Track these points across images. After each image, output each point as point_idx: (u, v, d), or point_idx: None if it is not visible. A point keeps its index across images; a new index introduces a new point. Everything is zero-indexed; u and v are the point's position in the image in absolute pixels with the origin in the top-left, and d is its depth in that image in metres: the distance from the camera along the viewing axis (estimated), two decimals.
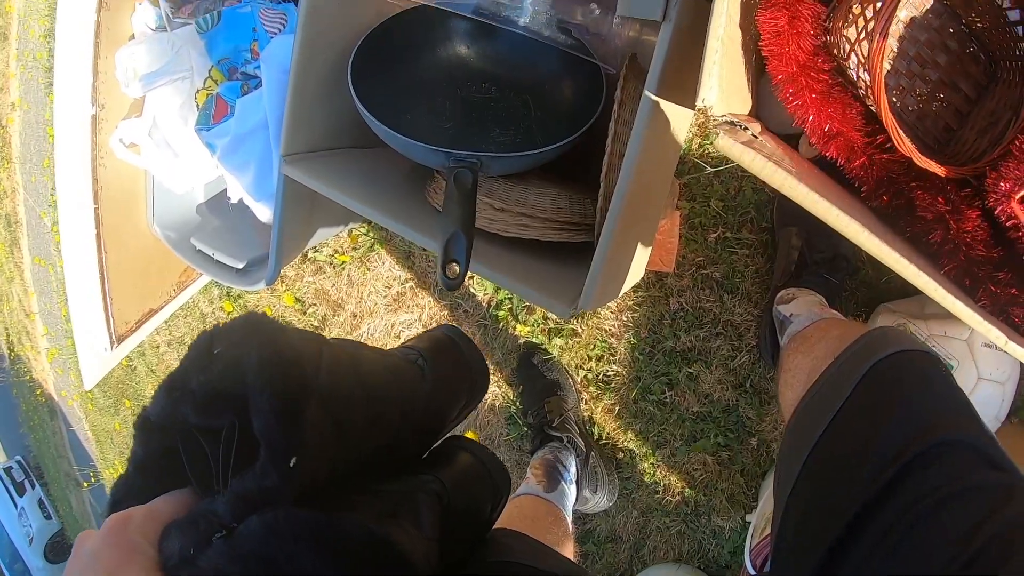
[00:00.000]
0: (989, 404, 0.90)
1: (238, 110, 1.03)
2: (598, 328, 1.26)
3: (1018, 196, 0.61)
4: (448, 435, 0.62)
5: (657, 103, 0.73)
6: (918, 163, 0.67)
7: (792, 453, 0.55)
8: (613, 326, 1.24)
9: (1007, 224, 0.64)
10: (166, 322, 2.03)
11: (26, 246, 3.88)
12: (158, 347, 2.48)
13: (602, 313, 1.24)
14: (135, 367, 2.73)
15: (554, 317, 1.31)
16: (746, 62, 0.76)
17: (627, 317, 1.22)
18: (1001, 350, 0.84)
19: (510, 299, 1.35)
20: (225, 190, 1.33)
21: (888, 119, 0.66)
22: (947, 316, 0.89)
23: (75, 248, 1.31)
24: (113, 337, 1.39)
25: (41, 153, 3.14)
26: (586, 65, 0.89)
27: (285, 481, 0.37)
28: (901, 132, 0.66)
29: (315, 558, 0.35)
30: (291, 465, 0.38)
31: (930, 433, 0.47)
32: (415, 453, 0.56)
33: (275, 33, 1.04)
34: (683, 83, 0.79)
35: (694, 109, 0.77)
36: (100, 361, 1.40)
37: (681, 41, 0.74)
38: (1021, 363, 0.92)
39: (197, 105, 1.17)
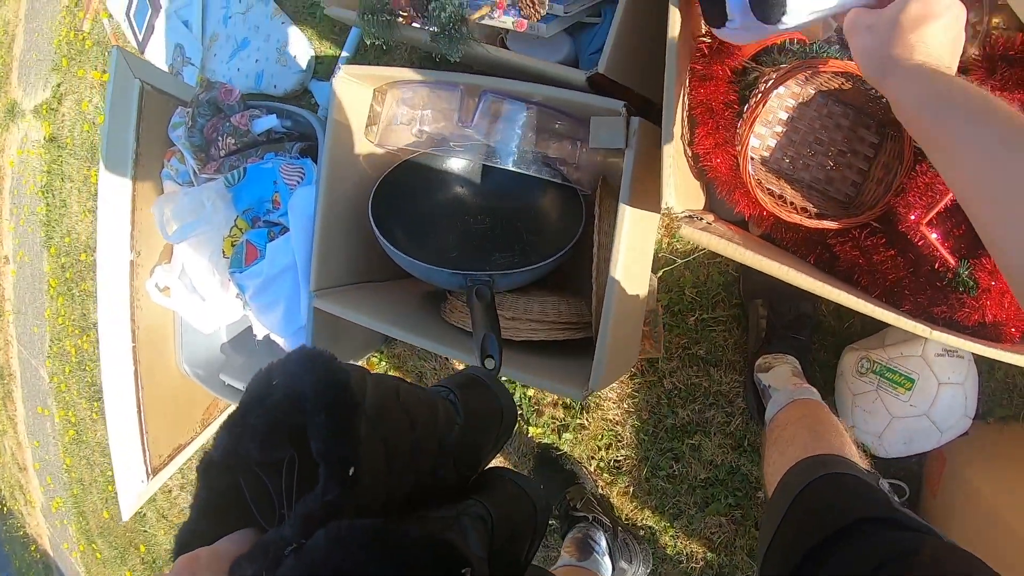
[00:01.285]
0: (954, 404, 1.05)
1: (268, 253, 1.21)
2: (603, 419, 1.42)
3: (925, 222, 0.81)
4: (487, 468, 0.69)
5: (631, 211, 0.94)
6: (810, 226, 0.90)
7: (762, 538, 0.76)
8: (616, 414, 1.40)
9: (919, 244, 0.83)
10: (180, 468, 2.13)
11: (20, 398, 3.93)
12: (170, 491, 2.55)
13: (605, 405, 1.40)
14: (144, 513, 2.77)
15: (562, 416, 1.46)
16: (695, 170, 0.97)
17: (628, 404, 1.38)
18: (954, 355, 1.03)
19: (520, 404, 1.50)
20: (247, 329, 1.50)
21: (766, 206, 0.89)
22: (901, 341, 1.07)
23: (115, 385, 1.46)
24: (149, 469, 1.51)
25: (38, 305, 3.22)
26: (565, 189, 1.09)
27: (346, 493, 0.42)
28: (780, 211, 0.89)
29: (381, 562, 0.40)
30: (350, 474, 0.43)
31: (851, 515, 0.66)
32: (455, 485, 0.62)
33: (294, 185, 1.23)
34: (648, 193, 1.00)
35: (660, 212, 0.97)
36: (137, 493, 1.51)
37: (642, 161, 0.95)
38: (974, 364, 1.07)
39: (224, 253, 1.35)
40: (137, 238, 1.44)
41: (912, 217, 0.82)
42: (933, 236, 0.81)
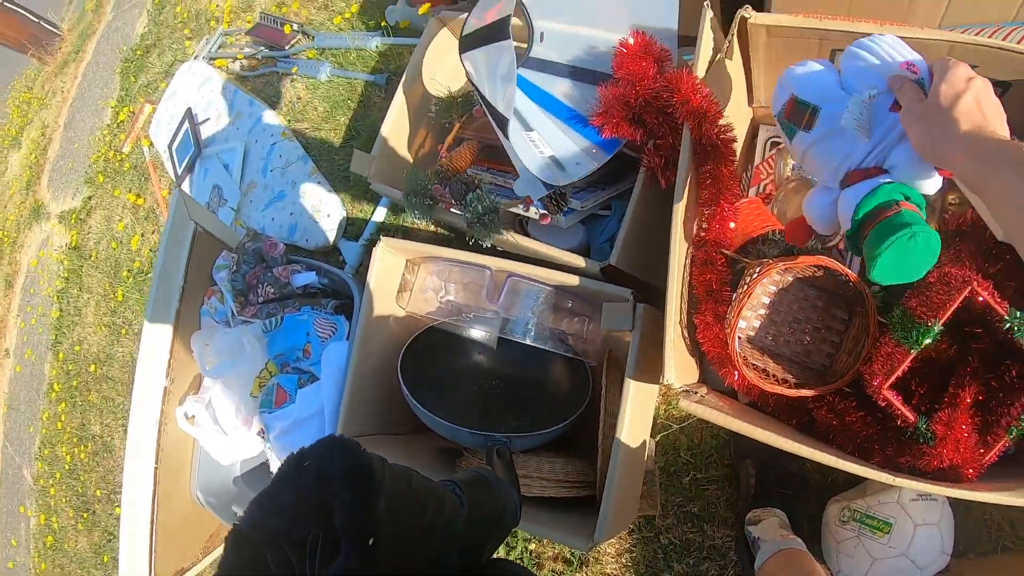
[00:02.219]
0: (931, 543, 1.14)
1: (299, 399, 1.34)
2: (601, 573, 1.50)
3: (886, 387, 0.92)
4: (491, 559, 0.75)
5: (635, 385, 1.09)
6: (790, 395, 1.03)
7: None
8: (614, 568, 1.48)
9: (883, 405, 0.95)
10: None
11: None
12: None
13: (603, 559, 1.49)
14: None
15: (561, 569, 1.54)
16: (690, 348, 1.11)
17: (626, 558, 1.47)
18: (928, 499, 1.14)
19: (520, 559, 1.58)
20: (261, 466, 1.60)
21: (751, 379, 1.02)
22: (879, 491, 1.18)
23: (134, 501, 1.53)
24: None
25: (34, 406, 3.23)
26: (573, 362, 1.23)
27: (366, 562, 0.48)
28: (764, 384, 1.02)
29: None
30: (369, 544, 0.49)
31: None
32: (459, 574, 0.67)
33: (326, 338, 1.37)
34: (649, 367, 1.14)
35: (659, 384, 1.10)
36: None
37: (645, 340, 1.09)
38: (948, 505, 1.16)
39: (251, 393, 1.47)
40: (173, 366, 1.56)
41: (875, 382, 0.95)
42: (894, 398, 0.94)
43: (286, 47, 2.07)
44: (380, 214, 1.74)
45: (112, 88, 3.23)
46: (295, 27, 2.08)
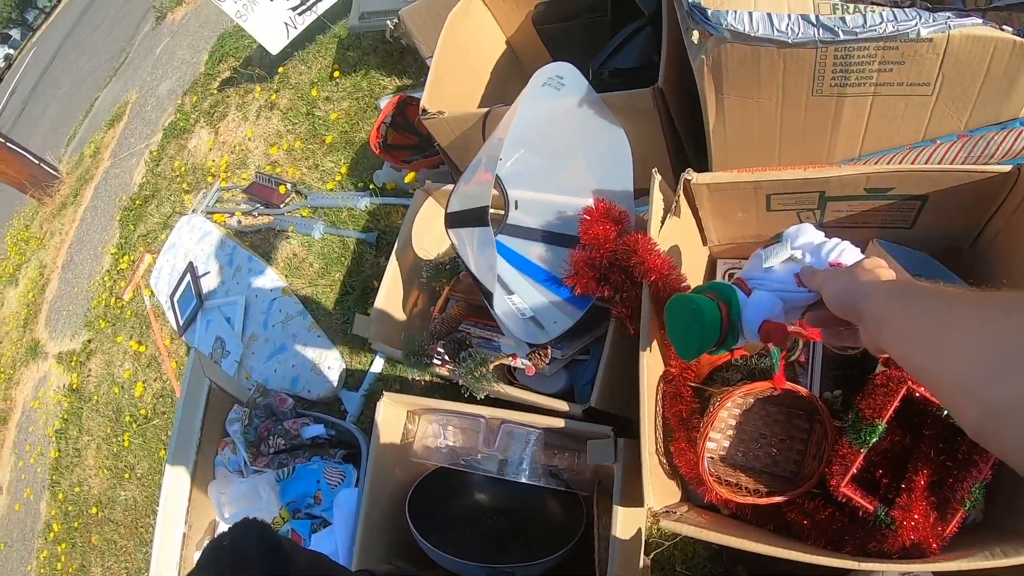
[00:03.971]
0: None
1: (313, 543, 1.42)
2: None
3: (843, 485, 1.03)
4: None
5: (623, 511, 1.21)
6: (763, 504, 1.13)
7: None
8: None
9: (843, 501, 1.06)
10: None
11: None
12: None
13: None
14: None
15: None
16: (669, 472, 1.21)
17: None
18: None
19: None
20: None
21: (724, 494, 1.12)
22: None
23: None
24: None
25: (27, 544, 3.16)
26: (567, 494, 1.34)
27: None
28: (737, 497, 1.12)
29: None
30: None
31: None
32: None
33: (335, 485, 1.47)
34: (635, 492, 1.24)
35: (645, 507, 1.20)
36: None
37: (628, 469, 1.21)
38: None
39: None
40: (191, 513, 1.64)
41: (834, 482, 1.06)
42: (852, 492, 1.04)
43: (281, 205, 2.23)
44: (378, 365, 1.85)
45: (111, 234, 3.36)
46: (289, 186, 2.25)
